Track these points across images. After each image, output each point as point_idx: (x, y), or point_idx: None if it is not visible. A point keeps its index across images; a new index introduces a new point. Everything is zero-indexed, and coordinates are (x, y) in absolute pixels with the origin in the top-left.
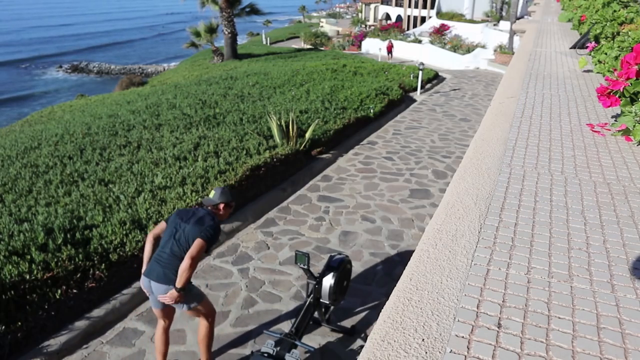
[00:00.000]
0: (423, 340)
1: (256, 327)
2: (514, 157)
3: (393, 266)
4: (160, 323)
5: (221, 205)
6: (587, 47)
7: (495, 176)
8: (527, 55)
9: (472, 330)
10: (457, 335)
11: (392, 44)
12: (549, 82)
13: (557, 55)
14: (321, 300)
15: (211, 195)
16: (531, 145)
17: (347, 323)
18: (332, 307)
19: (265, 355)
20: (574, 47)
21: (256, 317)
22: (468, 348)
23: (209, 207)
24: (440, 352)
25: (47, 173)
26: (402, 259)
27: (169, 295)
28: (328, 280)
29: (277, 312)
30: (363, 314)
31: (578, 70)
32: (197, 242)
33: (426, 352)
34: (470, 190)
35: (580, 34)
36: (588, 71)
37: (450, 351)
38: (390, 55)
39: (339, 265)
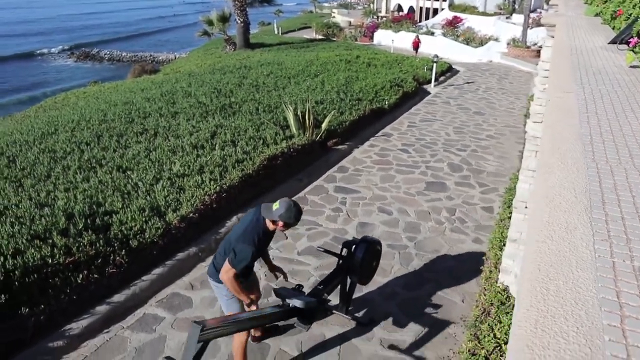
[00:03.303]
0: (577, 328)
1: None
2: (595, 152)
3: (410, 258)
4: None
5: (280, 223)
6: (628, 43)
7: (584, 170)
8: (568, 50)
9: (621, 320)
10: (609, 325)
11: (419, 39)
12: (601, 78)
13: (597, 50)
14: (352, 266)
15: (274, 206)
16: (607, 141)
17: (364, 313)
18: (356, 284)
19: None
20: (613, 42)
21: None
22: (625, 337)
23: (267, 220)
24: (599, 340)
25: (65, 158)
26: (419, 251)
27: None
28: (361, 250)
29: None
30: (379, 304)
31: (625, 65)
32: (224, 266)
33: (585, 340)
34: (565, 184)
35: (613, 28)
36: (635, 67)
37: (609, 340)
38: (416, 52)
39: (372, 242)
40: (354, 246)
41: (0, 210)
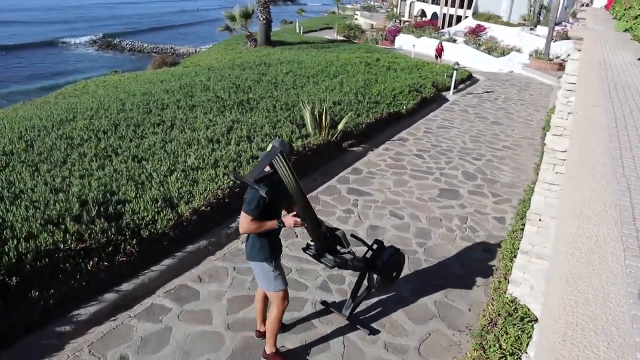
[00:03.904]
0: (608, 344)
1: None
2: (624, 167)
3: (419, 264)
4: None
5: None
6: None
7: (614, 185)
8: (596, 64)
9: None
10: None
11: (442, 46)
12: (630, 93)
13: (626, 66)
14: (375, 262)
15: (269, 148)
16: (638, 157)
17: (371, 316)
18: (370, 290)
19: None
20: None
21: None
22: None
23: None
24: (632, 358)
25: (82, 146)
26: (429, 257)
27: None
28: (387, 253)
29: (302, 300)
30: (387, 308)
31: None
32: (240, 216)
33: (617, 356)
34: (594, 197)
35: None
36: None
37: None
38: (439, 59)
39: (399, 251)
40: (383, 248)
41: (16, 194)
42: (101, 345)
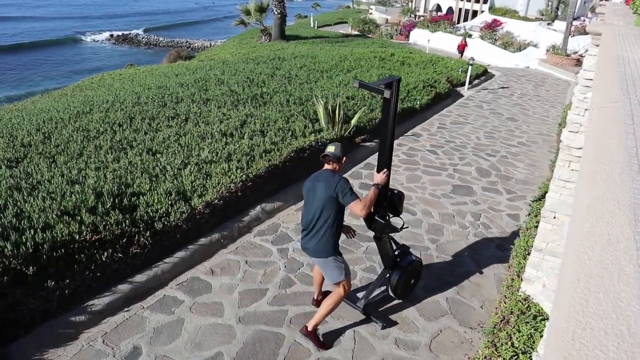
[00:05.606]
0: (618, 344)
1: (293, 308)
2: None
3: (431, 260)
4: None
5: (343, 159)
6: None
7: (629, 183)
8: (614, 59)
9: None
10: None
11: (465, 42)
12: None
13: None
14: (401, 262)
15: (333, 150)
16: None
17: (382, 312)
18: (385, 292)
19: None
20: None
21: (293, 298)
22: None
23: (331, 162)
24: None
25: (98, 138)
26: (441, 254)
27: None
28: (408, 259)
29: (314, 294)
30: (398, 304)
31: None
32: (351, 206)
33: (627, 357)
34: (608, 195)
35: None
36: None
37: None
38: (461, 55)
39: (419, 260)
40: (406, 253)
41: (34, 185)
42: (115, 336)
